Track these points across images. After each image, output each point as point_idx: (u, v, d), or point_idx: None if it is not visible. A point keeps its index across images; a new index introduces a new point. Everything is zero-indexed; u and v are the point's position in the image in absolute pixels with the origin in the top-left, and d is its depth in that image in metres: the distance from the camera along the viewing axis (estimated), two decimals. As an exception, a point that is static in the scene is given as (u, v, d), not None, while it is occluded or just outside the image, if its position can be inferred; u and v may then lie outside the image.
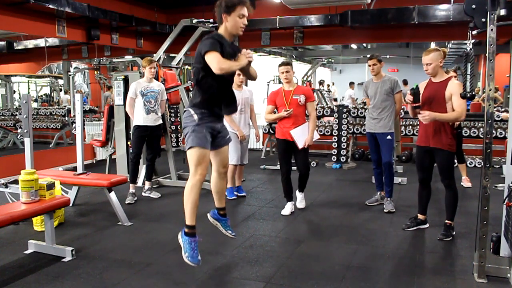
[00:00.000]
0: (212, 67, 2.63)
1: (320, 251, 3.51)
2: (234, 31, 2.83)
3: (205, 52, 2.66)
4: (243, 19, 2.81)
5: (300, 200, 4.72)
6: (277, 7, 8.57)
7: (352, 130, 7.38)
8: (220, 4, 2.81)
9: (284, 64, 4.43)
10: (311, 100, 4.46)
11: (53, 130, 8.68)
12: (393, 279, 2.97)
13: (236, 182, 5.27)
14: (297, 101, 4.38)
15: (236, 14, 2.78)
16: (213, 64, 2.63)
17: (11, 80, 9.84)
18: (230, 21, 2.79)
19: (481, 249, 2.85)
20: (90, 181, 4.38)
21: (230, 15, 2.78)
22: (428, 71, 3.60)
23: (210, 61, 2.64)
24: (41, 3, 6.30)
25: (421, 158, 3.79)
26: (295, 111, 4.37)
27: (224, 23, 2.81)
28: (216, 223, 3.16)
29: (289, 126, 4.38)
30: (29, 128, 3.67)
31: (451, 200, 3.71)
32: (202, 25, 6.08)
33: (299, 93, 4.41)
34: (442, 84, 3.59)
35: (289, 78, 4.39)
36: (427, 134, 3.67)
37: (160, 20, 9.17)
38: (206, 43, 2.71)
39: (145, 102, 5.03)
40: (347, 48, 14.98)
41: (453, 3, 7.28)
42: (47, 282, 2.95)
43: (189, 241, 2.80)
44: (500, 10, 2.67)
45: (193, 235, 2.82)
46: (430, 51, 3.57)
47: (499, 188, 4.44)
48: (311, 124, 4.41)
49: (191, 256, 2.77)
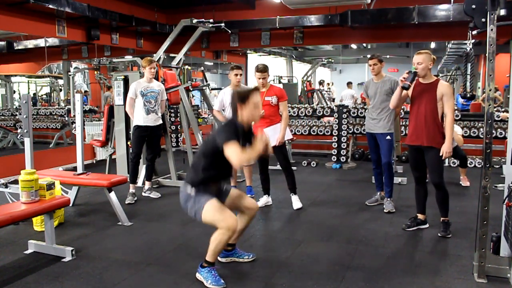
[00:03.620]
0: (231, 160, 2.64)
1: (320, 251, 3.52)
2: (251, 120, 2.87)
3: (224, 143, 2.66)
4: (258, 109, 2.88)
5: (295, 201, 4.71)
6: (277, 7, 8.57)
7: (352, 130, 7.38)
8: (234, 95, 2.87)
9: (260, 71, 4.54)
10: (283, 100, 4.61)
11: (53, 130, 8.67)
12: (393, 279, 2.97)
13: (233, 182, 5.30)
14: (269, 102, 4.55)
15: (251, 102, 2.81)
16: (232, 157, 2.63)
17: (11, 80, 9.84)
18: (245, 110, 2.82)
19: (481, 249, 2.85)
20: (90, 181, 4.38)
21: (245, 105, 2.81)
22: (418, 70, 3.64)
23: (230, 154, 2.64)
24: (41, 3, 6.30)
25: (415, 157, 3.81)
26: (267, 111, 4.53)
27: (240, 112, 2.84)
28: (231, 259, 3.24)
29: (263, 126, 4.49)
30: (29, 128, 3.68)
31: (443, 199, 3.76)
32: (202, 25, 6.09)
33: (271, 94, 4.57)
34: (431, 85, 3.67)
35: (265, 83, 4.57)
36: (418, 133, 3.69)
37: (160, 20, 9.17)
38: (224, 133, 2.73)
39: (145, 102, 5.03)
40: (347, 48, 14.97)
41: (453, 3, 7.27)
42: (47, 282, 2.95)
43: (208, 270, 2.85)
44: (500, 10, 2.68)
45: (212, 265, 2.87)
46: (422, 53, 3.66)
47: (499, 188, 4.43)
48: (283, 123, 4.56)
49: (214, 281, 2.80)
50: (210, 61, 12.87)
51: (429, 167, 3.75)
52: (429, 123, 3.64)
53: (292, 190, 4.72)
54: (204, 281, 2.84)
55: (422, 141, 3.67)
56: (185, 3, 9.10)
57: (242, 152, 2.65)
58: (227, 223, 2.73)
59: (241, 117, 2.83)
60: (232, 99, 2.87)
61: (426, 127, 3.65)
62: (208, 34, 9.26)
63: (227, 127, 2.79)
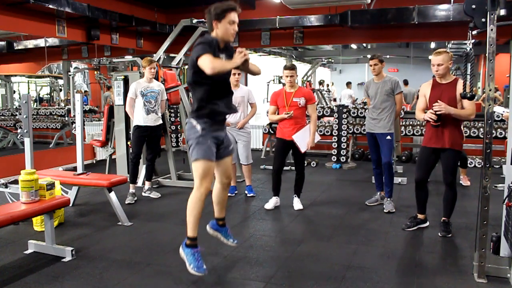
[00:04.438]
0: (205, 68, 2.59)
1: (320, 251, 3.51)
2: (225, 37, 2.82)
3: (197, 57, 2.64)
4: (233, 25, 2.80)
5: (296, 202, 4.73)
6: (277, 7, 8.57)
7: (352, 130, 7.38)
8: (210, 11, 2.81)
9: (290, 68, 4.50)
10: (311, 102, 4.55)
11: (53, 130, 8.68)
12: (393, 279, 2.97)
13: (232, 182, 5.30)
14: (297, 103, 4.48)
15: (226, 21, 2.77)
16: (205, 65, 2.59)
17: (11, 80, 9.84)
18: (220, 28, 2.78)
19: (481, 249, 2.85)
20: (90, 181, 4.38)
21: (220, 22, 2.78)
22: (439, 71, 3.59)
23: (202, 63, 2.61)
24: (41, 3, 6.30)
25: (427, 159, 3.75)
26: (295, 113, 4.47)
27: (215, 30, 2.80)
28: (216, 234, 3.20)
29: (288, 127, 4.47)
30: (29, 128, 3.67)
31: (451, 199, 3.74)
32: (202, 25, 6.08)
33: (300, 95, 4.50)
34: (451, 85, 3.60)
35: (292, 81, 4.49)
36: (438, 135, 3.61)
37: (160, 20, 9.17)
38: (197, 48, 2.69)
39: (145, 102, 5.03)
40: (347, 48, 14.98)
41: (453, 3, 7.28)
42: (47, 282, 2.95)
43: (191, 252, 2.82)
44: (500, 10, 2.67)
45: (195, 246, 2.84)
46: (441, 53, 3.57)
47: (499, 188, 4.43)
48: (312, 126, 4.50)
49: (196, 266, 2.78)
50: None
51: (445, 167, 3.69)
52: (452, 125, 3.57)
53: (297, 193, 4.75)
54: (186, 263, 2.82)
55: (443, 143, 3.60)
56: (185, 3, 9.10)
57: (216, 60, 2.61)
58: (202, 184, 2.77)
59: (215, 33, 2.80)
60: (207, 15, 2.82)
61: (448, 129, 3.57)
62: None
63: (200, 43, 2.72)
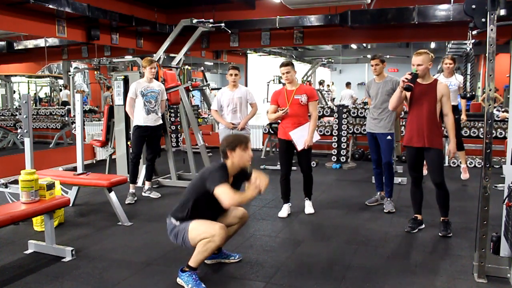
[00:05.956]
0: (223, 201, 2.67)
1: (320, 251, 3.52)
2: (241, 164, 2.89)
3: (216, 186, 2.69)
4: (248, 151, 2.88)
5: (308, 206, 4.60)
6: (277, 7, 8.57)
7: (352, 130, 7.38)
8: (223, 142, 2.90)
9: (284, 64, 4.35)
10: (313, 100, 4.37)
11: (53, 130, 8.68)
12: (393, 279, 2.97)
13: None
14: (298, 100, 4.32)
15: (241, 149, 2.84)
16: (223, 198, 2.66)
17: (11, 80, 9.85)
18: (236, 156, 2.85)
19: (481, 249, 2.85)
20: (90, 181, 4.38)
21: (235, 151, 2.84)
22: (418, 71, 3.63)
23: (221, 195, 2.67)
24: (41, 3, 6.30)
25: (414, 158, 3.81)
26: (296, 110, 4.31)
27: (230, 158, 2.87)
28: (216, 261, 3.23)
29: (290, 126, 4.32)
30: (29, 128, 3.68)
31: (444, 198, 3.77)
32: (202, 25, 6.08)
33: (301, 92, 4.34)
34: (431, 86, 3.67)
35: (289, 78, 4.33)
36: (419, 134, 3.68)
37: (160, 20, 9.17)
38: (214, 177, 2.74)
39: (145, 102, 5.03)
40: (347, 48, 14.96)
41: (453, 3, 7.28)
42: (47, 282, 2.95)
43: (189, 274, 2.84)
44: (500, 10, 2.67)
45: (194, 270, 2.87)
46: (421, 53, 3.62)
47: (499, 188, 4.43)
48: (312, 124, 4.33)
49: (195, 286, 2.79)
50: (210, 61, 12.86)
51: (430, 167, 3.74)
52: (431, 124, 3.64)
53: (308, 195, 4.60)
54: (184, 285, 2.83)
55: (424, 142, 3.67)
56: (185, 3, 9.11)
57: (234, 193, 2.69)
58: (215, 231, 2.74)
59: (231, 162, 2.87)
60: (221, 145, 2.90)
61: (428, 128, 3.64)
62: (208, 34, 9.26)
63: (218, 171, 2.80)
